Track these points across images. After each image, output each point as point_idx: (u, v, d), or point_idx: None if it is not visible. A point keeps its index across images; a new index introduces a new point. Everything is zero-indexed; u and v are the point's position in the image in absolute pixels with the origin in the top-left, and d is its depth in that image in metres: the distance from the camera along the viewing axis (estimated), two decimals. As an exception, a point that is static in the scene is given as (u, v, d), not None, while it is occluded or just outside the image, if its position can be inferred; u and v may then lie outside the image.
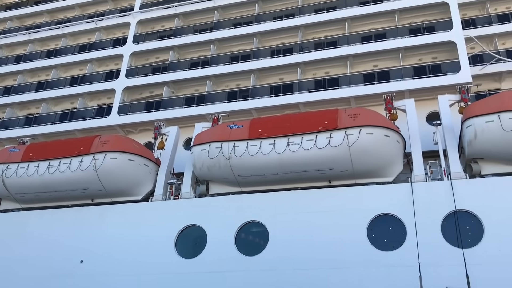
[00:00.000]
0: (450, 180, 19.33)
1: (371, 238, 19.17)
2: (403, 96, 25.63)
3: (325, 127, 20.74)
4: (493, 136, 19.09)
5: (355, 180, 21.16)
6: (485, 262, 17.49)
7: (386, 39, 28.35)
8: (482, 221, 18.17)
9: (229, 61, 31.45)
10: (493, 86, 27.47)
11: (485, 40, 28.25)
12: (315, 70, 29.90)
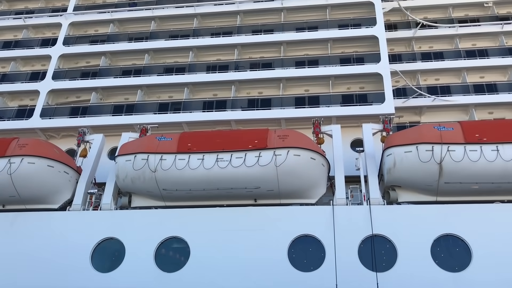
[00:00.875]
0: (369, 205, 20.12)
1: (291, 258, 19.41)
2: (330, 121, 26.53)
3: (255, 146, 20.91)
4: (411, 166, 20.17)
5: (280, 200, 21.42)
6: (397, 285, 18.26)
7: (318, 66, 29.39)
8: (396, 246, 19.00)
9: (163, 72, 31.06)
10: (413, 119, 29.18)
11: (409, 75, 30.05)
12: (249, 89, 30.23)
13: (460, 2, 32.96)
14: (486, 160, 19.53)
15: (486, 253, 18.56)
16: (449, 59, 30.27)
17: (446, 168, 19.72)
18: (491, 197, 20.35)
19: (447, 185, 20.18)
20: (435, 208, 19.89)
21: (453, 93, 28.70)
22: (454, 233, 19.04)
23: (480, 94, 28.31)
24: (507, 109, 28.33)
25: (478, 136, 20.11)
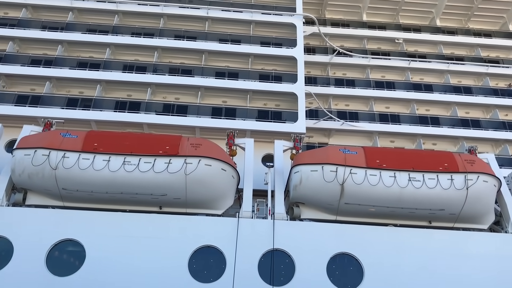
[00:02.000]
0: (273, 220, 20.53)
1: (191, 268, 19.18)
2: (244, 135, 26.85)
3: (166, 152, 20.54)
4: (315, 184, 20.93)
5: (186, 209, 21.14)
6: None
7: (238, 79, 29.67)
8: (295, 261, 19.52)
9: (76, 66, 29.57)
10: (322, 140, 30.44)
11: (322, 98, 31.38)
12: (166, 93, 29.70)
13: (374, 35, 35.22)
14: (384, 185, 20.80)
15: (376, 272, 19.67)
16: (360, 88, 32.10)
17: (347, 189, 20.72)
18: (385, 220, 21.66)
19: (347, 206, 21.18)
20: (333, 227, 20.77)
21: (360, 119, 30.41)
22: (349, 252, 19.98)
23: (384, 123, 30.27)
24: (407, 139, 30.60)
25: (378, 162, 21.38)
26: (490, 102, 32.02)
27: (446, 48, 35.50)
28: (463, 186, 20.93)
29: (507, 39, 35.89)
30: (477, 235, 21.50)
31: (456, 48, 35.69)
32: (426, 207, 21.17)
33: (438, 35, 35.65)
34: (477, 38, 35.74)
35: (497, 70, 33.87)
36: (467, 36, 35.91)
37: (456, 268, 20.11)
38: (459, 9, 36.74)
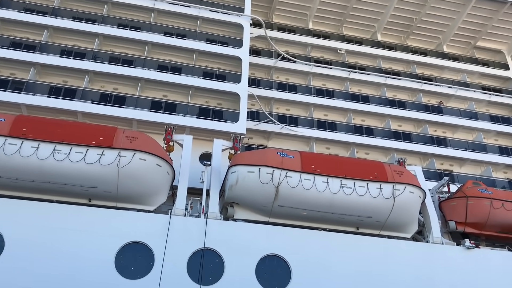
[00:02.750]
0: (206, 219, 20.40)
1: (118, 264, 18.64)
2: (183, 131, 26.52)
3: (99, 143, 19.85)
4: (251, 185, 21.04)
5: (116, 203, 20.53)
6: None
7: (181, 74, 29.25)
8: (225, 261, 19.50)
9: (9, 45, 27.89)
10: (261, 142, 30.70)
11: (264, 101, 31.68)
12: (104, 83, 28.73)
13: (318, 44, 36.06)
14: (316, 189, 21.29)
15: (304, 275, 20.08)
16: (301, 94, 32.69)
17: (281, 192, 21.01)
18: (315, 224, 22.16)
19: (280, 208, 21.48)
20: (265, 228, 20.98)
21: (299, 124, 30.98)
22: (279, 254, 20.25)
23: (321, 129, 31.02)
24: (342, 147, 31.54)
25: (313, 167, 21.86)
26: (421, 117, 33.68)
27: (385, 62, 36.99)
28: (391, 196, 21.85)
29: (441, 59, 37.93)
30: (401, 243, 22.48)
31: (394, 63, 37.27)
32: (355, 214, 21.89)
33: (378, 49, 37.06)
34: (414, 55, 37.53)
35: (430, 88, 35.70)
36: (405, 52, 37.61)
37: (380, 274, 20.95)
38: (400, 26, 38.39)
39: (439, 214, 24.72)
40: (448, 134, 34.38)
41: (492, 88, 37.44)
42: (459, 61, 38.21)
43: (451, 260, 22.27)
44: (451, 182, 27.93)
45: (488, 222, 23.81)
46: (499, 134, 34.82)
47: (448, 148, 32.57)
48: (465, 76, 37.60)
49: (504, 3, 36.60)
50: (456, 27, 37.96)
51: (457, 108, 35.44)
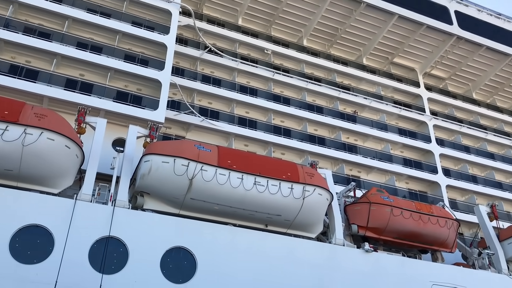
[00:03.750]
0: (113, 207, 19.74)
1: (13, 247, 17.46)
2: (98, 113, 25.44)
3: (3, 117, 18.64)
4: (164, 176, 20.68)
5: (17, 182, 19.23)
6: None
7: (101, 54, 27.99)
8: (129, 251, 19.00)
9: None
10: (180, 133, 30.29)
11: (186, 92, 31.26)
12: (15, 54, 26.73)
13: (246, 41, 36.19)
14: (230, 185, 21.42)
15: (209, 269, 20.13)
16: (225, 88, 32.66)
17: (195, 185, 20.88)
18: (225, 219, 22.30)
19: (192, 201, 21.34)
20: (174, 220, 20.75)
21: (220, 119, 30.96)
22: (186, 247, 20.12)
23: (242, 126, 31.25)
24: (260, 145, 32.02)
25: (229, 163, 21.97)
26: (336, 124, 35.07)
27: (308, 67, 38.05)
28: (301, 196, 22.56)
29: (359, 70, 39.74)
30: (305, 243, 23.29)
31: (316, 69, 38.46)
32: (265, 211, 22.34)
33: (303, 54, 38.02)
34: (335, 64, 38.96)
35: (346, 96, 37.28)
36: (328, 60, 38.93)
37: (283, 271, 21.56)
38: (325, 34, 39.65)
39: (343, 217, 25.95)
40: (359, 142, 36.15)
41: (403, 103, 39.87)
42: (376, 74, 40.28)
43: (350, 261, 23.48)
44: (358, 188, 29.46)
45: (387, 228, 25.40)
46: (405, 147, 37.24)
47: (358, 155, 34.27)
48: (380, 89, 39.73)
49: (421, 25, 39.15)
50: (376, 42, 39.97)
51: (370, 119, 37.36)
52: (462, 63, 42.73)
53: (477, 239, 31.24)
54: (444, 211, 27.66)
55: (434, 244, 26.73)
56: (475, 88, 44.69)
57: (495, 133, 41.83)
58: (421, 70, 42.45)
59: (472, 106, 43.06)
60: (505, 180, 39.67)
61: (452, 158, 38.42)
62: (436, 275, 24.76)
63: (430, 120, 39.29)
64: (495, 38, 41.80)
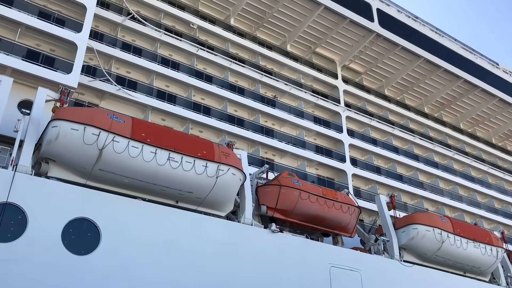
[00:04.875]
0: (14, 171, 18.55)
1: None
2: (4, 71, 23.60)
3: None
4: (73, 144, 19.71)
5: None
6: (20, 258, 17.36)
7: (12, 8, 25.69)
8: (29, 219, 18.02)
9: None
10: (93, 101, 28.99)
11: (104, 58, 29.86)
12: None
13: (172, 12, 35.15)
14: (143, 159, 20.97)
15: (114, 242, 19.69)
16: (145, 59, 31.61)
17: (105, 156, 20.18)
18: (135, 193, 21.84)
19: (101, 172, 20.63)
20: (79, 190, 19.93)
21: (138, 90, 30.01)
22: (90, 218, 19.48)
23: (161, 100, 30.56)
24: (178, 121, 31.58)
25: (143, 136, 21.45)
26: (256, 107, 35.48)
27: (233, 47, 37.94)
28: (214, 175, 22.67)
29: (283, 56, 40.36)
30: (214, 221, 23.51)
31: (241, 50, 38.47)
32: (177, 188, 22.20)
33: (229, 33, 37.75)
34: (260, 47, 39.21)
35: (268, 81, 37.77)
36: (253, 42, 39.05)
37: (190, 247, 21.65)
38: (252, 16, 39.71)
39: (254, 197, 26.53)
40: (277, 127, 36.96)
41: (321, 92, 41.26)
42: (298, 62, 41.16)
43: (256, 241, 24.14)
44: (271, 170, 30.18)
45: (294, 210, 26.37)
46: (318, 135, 38.67)
47: (274, 139, 35.04)
48: (301, 77, 40.72)
49: (345, 19, 40.54)
50: (301, 30, 40.77)
51: (288, 105, 38.24)
52: (378, 59, 44.97)
53: (375, 226, 33.43)
54: (348, 198, 29.22)
55: (336, 228, 28.22)
56: (388, 85, 47.33)
57: (401, 129, 44.72)
58: (340, 63, 44.05)
59: (383, 101, 45.56)
60: (405, 173, 42.68)
61: (360, 149, 40.56)
62: (335, 257, 26.20)
63: (344, 112, 41.08)
64: (410, 40, 44.42)
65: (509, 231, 46.35)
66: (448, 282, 30.49)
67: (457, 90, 48.98)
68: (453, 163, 47.70)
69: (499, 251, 32.59)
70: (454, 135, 49.76)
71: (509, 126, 54.20)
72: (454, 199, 44.06)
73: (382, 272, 27.82)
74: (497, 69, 51.91)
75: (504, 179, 51.52)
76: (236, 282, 22.23)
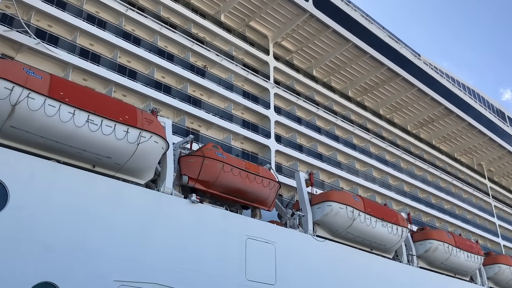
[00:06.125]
0: None
1: None
2: None
3: None
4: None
5: None
6: None
7: None
8: None
9: None
10: (8, 53, 26.91)
11: (23, 8, 27.70)
12: None
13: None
14: (60, 119, 19.94)
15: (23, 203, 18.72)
16: (70, 13, 29.64)
17: (18, 113, 19.03)
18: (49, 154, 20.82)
19: (13, 130, 19.43)
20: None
21: (60, 46, 28.23)
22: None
23: (83, 59, 28.94)
24: (100, 83, 30.14)
25: (62, 95, 20.36)
26: (185, 75, 34.69)
27: (165, 11, 36.64)
28: (135, 141, 22.11)
29: (216, 26, 39.68)
30: (133, 188, 23.01)
31: (173, 14, 37.24)
32: (95, 151, 21.43)
33: (161, -4, 36.38)
34: (193, 13, 38.19)
35: (199, 50, 37.06)
36: (186, 8, 37.88)
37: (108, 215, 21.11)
38: (187, -19, 38.54)
39: (176, 167, 26.26)
40: (205, 98, 36.54)
41: (252, 67, 41.27)
42: (231, 33, 40.70)
43: (175, 210, 24.06)
44: (195, 141, 30.00)
45: (216, 182, 26.50)
46: (246, 109, 38.79)
47: (201, 110, 34.64)
48: (233, 49, 40.35)
49: (278, -5, 40.55)
50: (236, 1, 40.24)
51: (218, 76, 37.87)
52: (310, 40, 45.63)
53: (293, 201, 34.54)
54: (269, 173, 29.85)
55: (256, 201, 28.81)
56: (316, 66, 48.33)
57: (325, 110, 46.05)
58: (273, 39, 44.21)
59: (311, 82, 46.51)
60: (325, 152, 44.21)
61: (285, 126, 41.31)
62: (251, 229, 26.78)
63: (272, 88, 41.47)
64: (342, 23, 45.33)
65: (414, 213, 49.87)
66: (356, 258, 32.38)
67: (380, 76, 51.08)
68: (370, 146, 50.06)
69: (404, 230, 35.04)
70: (373, 119, 52.11)
71: (424, 115, 57.67)
72: (368, 180, 46.45)
73: (295, 245, 28.92)
74: (419, 60, 54.69)
75: (415, 164, 55.02)
76: (151, 250, 22.02)
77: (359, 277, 31.39)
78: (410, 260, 37.33)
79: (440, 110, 56.94)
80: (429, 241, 38.37)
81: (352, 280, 30.79)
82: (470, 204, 60.96)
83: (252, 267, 25.53)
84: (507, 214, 69.46)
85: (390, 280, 33.54)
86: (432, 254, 38.37)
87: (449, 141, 63.37)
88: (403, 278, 35.09)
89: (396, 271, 34.99)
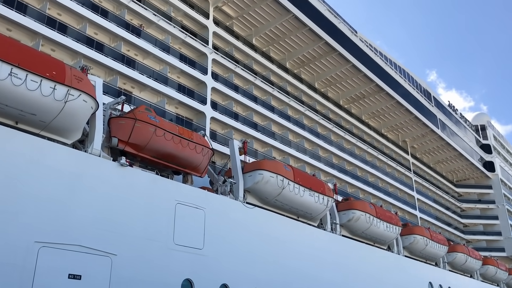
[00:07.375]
0: None
1: None
2: None
3: None
4: None
5: None
6: None
7: None
8: None
9: None
10: None
11: None
12: None
13: None
14: None
15: None
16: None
17: None
18: None
19: None
20: None
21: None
22: None
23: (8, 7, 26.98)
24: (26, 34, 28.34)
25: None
26: (119, 33, 33.27)
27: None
28: (63, 99, 21.09)
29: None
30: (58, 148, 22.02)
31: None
32: (18, 107, 20.29)
33: None
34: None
35: (136, 7, 35.49)
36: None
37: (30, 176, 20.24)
38: None
39: (106, 128, 25.44)
40: (139, 58, 35.34)
41: (190, 30, 40.28)
42: (170, -7, 39.33)
43: (103, 173, 23.37)
44: (127, 103, 29.10)
45: (148, 146, 25.99)
46: (182, 73, 38.03)
47: (135, 71, 33.51)
48: (171, 9, 39.05)
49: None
50: (178, -40, 38.79)
51: (155, 37, 36.66)
52: (251, 7, 45.16)
53: (225, 168, 34.77)
54: (203, 139, 29.68)
55: (188, 167, 28.68)
56: (256, 34, 48.10)
57: (263, 80, 46.22)
58: (213, 2, 43.25)
59: (250, 50, 46.29)
60: (260, 122, 44.63)
61: (221, 94, 41.06)
62: (182, 195, 26.70)
63: (211, 54, 40.85)
64: (284, -7, 45.24)
65: (341, 184, 52.03)
66: (283, 225, 33.40)
67: (318, 50, 51.81)
68: (304, 118, 51.16)
69: (330, 200, 36.54)
70: (308, 92, 53.08)
71: (356, 91, 59.55)
72: (300, 151, 47.64)
73: (225, 212, 29.29)
74: (355, 37, 55.97)
75: (344, 138, 57.05)
76: (76, 212, 21.38)
77: (285, 243, 32.50)
78: (333, 229, 39.12)
79: (372, 87, 58.99)
80: (352, 211, 40.36)
81: (278, 246, 31.82)
82: (393, 178, 64.53)
83: (181, 232, 25.59)
84: (425, 188, 74.40)
85: (314, 247, 35.04)
86: (354, 224, 40.42)
87: (378, 117, 66.16)
88: (326, 246, 36.78)
89: (320, 238, 36.56)
